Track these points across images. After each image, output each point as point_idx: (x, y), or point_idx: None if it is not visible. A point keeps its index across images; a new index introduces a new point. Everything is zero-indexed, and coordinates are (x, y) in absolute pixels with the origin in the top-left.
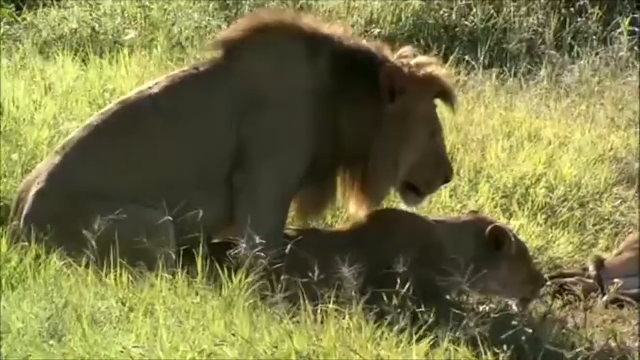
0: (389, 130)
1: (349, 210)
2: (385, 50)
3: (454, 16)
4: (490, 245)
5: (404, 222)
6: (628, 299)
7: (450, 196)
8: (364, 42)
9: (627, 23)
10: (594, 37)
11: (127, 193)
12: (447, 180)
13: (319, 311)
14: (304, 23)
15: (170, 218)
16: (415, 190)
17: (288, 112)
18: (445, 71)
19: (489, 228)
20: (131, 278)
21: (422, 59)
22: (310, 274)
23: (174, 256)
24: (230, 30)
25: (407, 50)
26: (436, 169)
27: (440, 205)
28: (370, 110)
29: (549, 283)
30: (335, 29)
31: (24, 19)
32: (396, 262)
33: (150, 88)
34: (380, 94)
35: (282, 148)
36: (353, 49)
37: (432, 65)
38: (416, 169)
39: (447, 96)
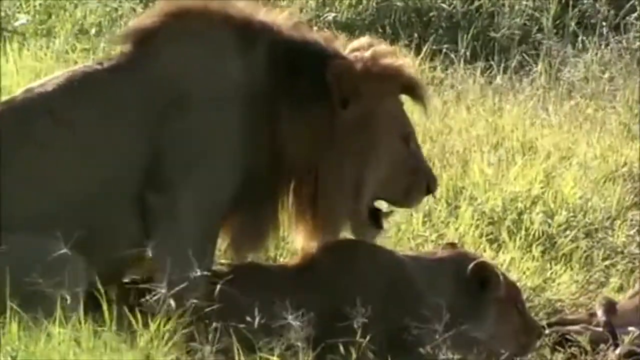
0: (345, 142)
1: (296, 242)
2: (335, 43)
3: None
4: (473, 286)
5: (366, 255)
6: None
7: (424, 223)
8: (311, 33)
9: None
10: (603, 24)
11: (17, 218)
12: (429, 191)
13: None
14: (234, 8)
15: (67, 251)
16: (377, 221)
17: (214, 118)
18: (408, 60)
19: (471, 265)
20: (23, 327)
21: (378, 48)
22: (247, 320)
23: (79, 298)
24: (144, 17)
25: (361, 41)
26: (414, 179)
27: (411, 235)
28: (318, 116)
29: (547, 332)
30: (274, 16)
31: None
32: (355, 305)
33: (42, 86)
34: (327, 96)
35: (208, 162)
36: (296, 41)
37: (391, 55)
38: (388, 184)
39: (414, 90)
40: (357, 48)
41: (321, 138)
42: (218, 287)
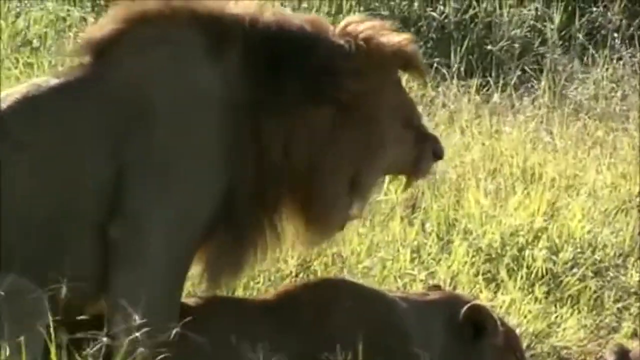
0: (344, 139)
1: (290, 247)
2: (324, 26)
3: (416, 4)
4: (468, 332)
5: (350, 295)
6: None
7: (412, 259)
8: (293, 18)
9: None
10: (615, 35)
11: None
12: (437, 157)
13: None
14: (199, 4)
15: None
16: None
17: (185, 134)
18: (406, 35)
19: (464, 308)
20: None
21: (370, 24)
22: None
23: (38, 334)
24: (100, 26)
25: (352, 19)
26: (420, 150)
27: (398, 273)
28: (310, 114)
29: None
30: (246, 6)
31: None
32: (336, 351)
33: None
34: (320, 90)
35: (178, 186)
36: (277, 30)
37: (387, 32)
38: (395, 164)
39: (413, 67)
40: (348, 31)
41: (316, 138)
42: (178, 327)
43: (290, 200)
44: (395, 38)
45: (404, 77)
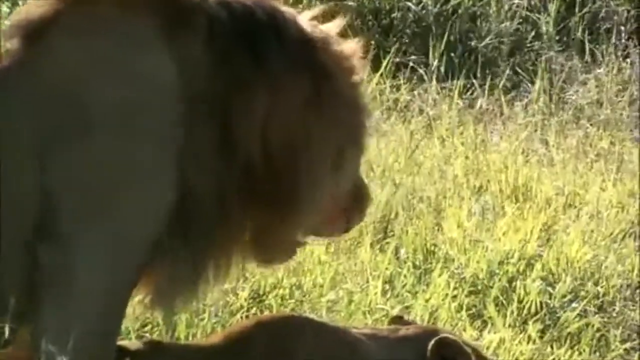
0: (327, 124)
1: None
2: (292, 12)
3: None
4: None
5: (310, 335)
6: None
7: (384, 292)
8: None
9: None
10: (621, 29)
11: None
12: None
13: None
14: None
15: None
16: None
17: (127, 139)
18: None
19: (431, 343)
20: None
21: (328, 27)
22: None
23: None
24: (31, 6)
25: (315, 12)
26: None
27: (367, 308)
28: (286, 102)
29: None
30: None
31: None
32: None
33: None
34: (299, 62)
35: (119, 202)
36: (246, 11)
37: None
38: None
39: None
40: (314, 22)
41: (292, 128)
42: None
43: (255, 206)
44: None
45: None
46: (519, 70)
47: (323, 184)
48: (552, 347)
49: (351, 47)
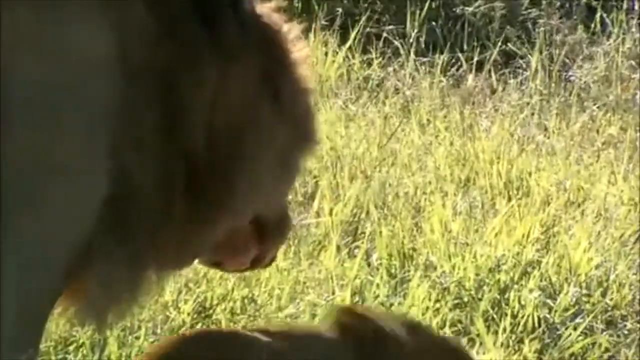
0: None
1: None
2: None
3: None
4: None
5: (243, 350)
6: None
7: (354, 304)
8: None
9: None
10: None
11: None
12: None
13: None
14: None
15: None
16: None
17: (57, 125)
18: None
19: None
20: None
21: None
22: None
23: None
24: None
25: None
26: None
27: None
28: (238, 89)
29: None
30: None
31: None
32: None
33: None
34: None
35: (41, 198)
36: None
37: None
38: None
39: None
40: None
41: (240, 113)
42: None
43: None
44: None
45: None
46: (512, 43)
47: (263, 182)
48: None
49: (304, 48)
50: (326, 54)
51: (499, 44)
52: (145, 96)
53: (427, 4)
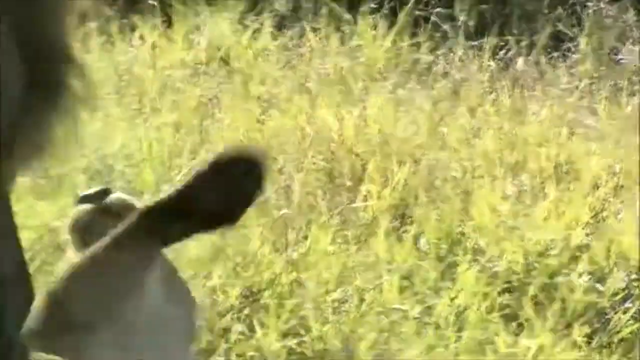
0: None
1: None
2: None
3: None
4: None
5: None
6: None
7: (402, 290)
8: None
9: None
10: None
11: None
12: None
13: None
14: None
15: None
16: None
17: None
18: None
19: None
20: None
21: None
22: None
23: None
24: None
25: None
26: None
27: (382, 308)
28: None
29: None
30: None
31: None
32: None
33: None
34: None
35: None
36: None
37: None
38: None
39: None
40: None
41: None
42: None
43: None
44: None
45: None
46: (562, 27)
47: None
48: (600, 354)
49: None
50: (374, 37)
51: (549, 27)
52: None
53: None
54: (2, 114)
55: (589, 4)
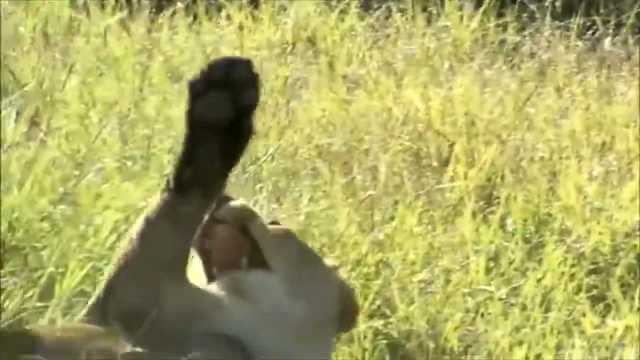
0: None
1: None
2: None
3: None
4: None
5: None
6: None
7: (488, 270)
8: None
9: None
10: None
11: None
12: None
13: None
14: None
15: None
16: None
17: None
18: None
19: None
20: None
21: None
22: None
23: None
24: None
25: None
26: None
27: (468, 289)
28: None
29: None
30: None
31: None
32: None
33: None
34: None
35: None
36: None
37: None
38: None
39: None
40: None
41: None
42: None
43: None
44: None
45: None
46: None
47: None
48: None
49: None
50: (461, 18)
51: (636, 6)
52: None
53: None
54: None
55: None
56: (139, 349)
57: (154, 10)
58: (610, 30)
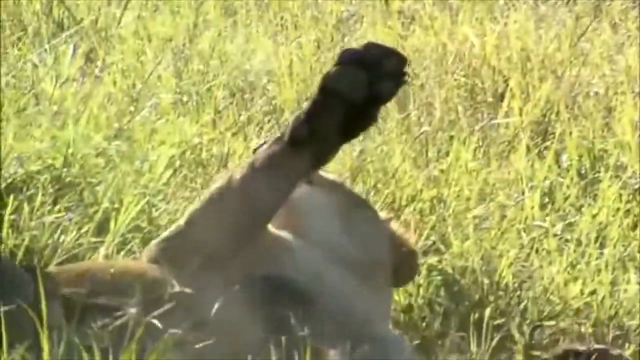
0: None
1: None
2: None
3: None
4: None
5: None
6: None
7: (543, 207)
8: None
9: None
10: None
11: None
12: None
13: None
14: None
15: None
16: None
17: None
18: None
19: None
20: None
21: None
22: None
23: None
24: None
25: None
26: None
27: (523, 225)
28: None
29: None
30: None
31: None
32: None
33: None
34: None
35: None
36: None
37: None
38: None
39: None
40: None
41: None
42: None
43: None
44: None
45: None
46: None
47: None
48: None
49: None
50: None
51: None
52: None
53: None
54: None
55: None
56: (187, 289)
57: None
58: None
